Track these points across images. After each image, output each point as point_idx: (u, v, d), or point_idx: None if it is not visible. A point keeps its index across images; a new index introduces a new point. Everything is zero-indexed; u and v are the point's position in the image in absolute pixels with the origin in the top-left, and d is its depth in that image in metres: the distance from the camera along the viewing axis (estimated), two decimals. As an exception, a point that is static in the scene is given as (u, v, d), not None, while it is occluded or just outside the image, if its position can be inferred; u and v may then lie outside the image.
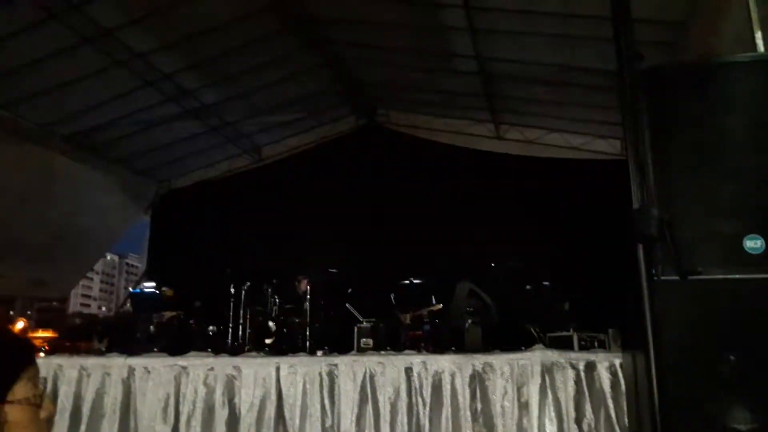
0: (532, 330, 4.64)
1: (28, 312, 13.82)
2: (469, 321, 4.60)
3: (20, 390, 1.63)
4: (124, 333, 10.00)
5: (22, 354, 1.72)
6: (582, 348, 7.91)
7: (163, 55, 10.47)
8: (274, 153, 14.70)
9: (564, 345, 7.79)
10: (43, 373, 4.53)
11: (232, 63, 10.98)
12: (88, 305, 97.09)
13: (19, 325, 12.63)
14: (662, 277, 2.77)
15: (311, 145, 14.38)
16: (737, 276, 2.81)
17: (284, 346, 9.64)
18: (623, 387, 3.82)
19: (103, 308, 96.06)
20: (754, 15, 5.11)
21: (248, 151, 14.64)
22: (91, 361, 4.68)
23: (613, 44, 2.72)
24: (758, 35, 5.20)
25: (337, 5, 10.02)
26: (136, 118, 12.03)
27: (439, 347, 9.12)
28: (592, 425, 3.96)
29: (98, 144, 12.74)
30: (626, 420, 4.13)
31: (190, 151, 14.10)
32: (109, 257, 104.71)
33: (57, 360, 4.82)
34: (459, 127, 13.20)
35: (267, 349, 8.88)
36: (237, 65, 11.09)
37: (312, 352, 8.41)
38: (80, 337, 10.68)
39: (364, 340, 9.97)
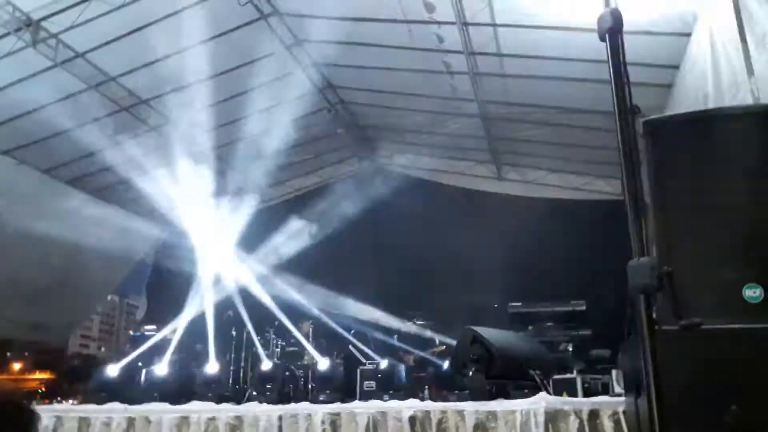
0: (536, 376, 4.63)
1: (26, 353, 13.69)
2: (473, 369, 4.59)
3: None
4: (124, 379, 9.95)
5: (22, 423, 1.69)
6: (586, 391, 7.86)
7: (164, 99, 10.58)
8: (278, 195, 14.76)
9: (568, 387, 7.74)
10: (44, 422, 4.51)
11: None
12: (87, 345, 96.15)
13: (16, 367, 12.54)
14: (663, 327, 2.77)
15: (314, 186, 14.46)
16: (736, 326, 2.81)
17: (286, 390, 9.58)
18: (627, 434, 3.79)
19: (103, 349, 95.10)
20: (747, 62, 5.21)
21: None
22: (91, 412, 4.65)
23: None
24: (752, 81, 5.29)
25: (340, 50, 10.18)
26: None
27: (441, 390, 9.06)
28: (597, 473, 3.92)
29: (101, 187, 12.80)
30: (630, 468, 4.09)
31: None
32: (109, 298, 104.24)
33: (56, 411, 4.78)
34: (461, 168, 13.31)
35: (269, 394, 8.82)
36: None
37: (314, 396, 8.35)
38: (79, 379, 10.58)
39: (367, 383, 9.90)
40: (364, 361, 10.39)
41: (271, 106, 11.22)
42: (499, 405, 3.86)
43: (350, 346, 10.67)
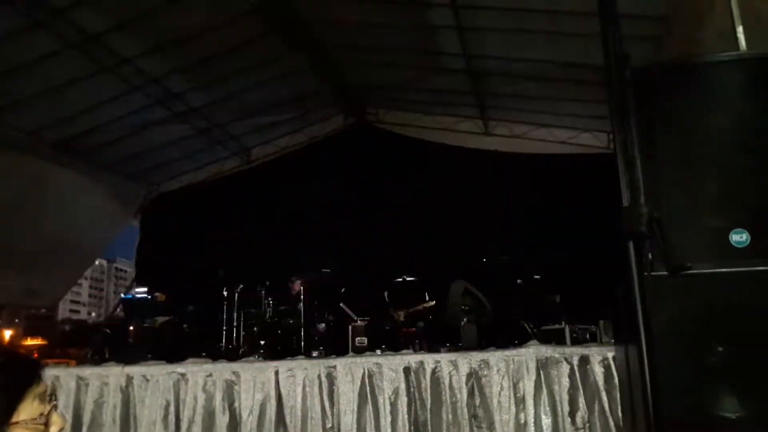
0: (526, 326, 4.71)
1: (16, 320, 13.72)
2: (465, 320, 4.66)
3: (25, 410, 1.59)
4: (116, 340, 9.98)
5: (25, 372, 1.68)
6: (574, 340, 8.00)
7: (149, 59, 10.44)
8: (264, 154, 14.69)
9: (556, 338, 7.87)
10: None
11: (220, 65, 10.98)
12: (78, 311, 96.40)
13: (7, 334, 12.58)
14: (652, 273, 2.83)
15: (301, 145, 14.38)
16: (724, 270, 2.87)
17: (279, 348, 9.67)
18: (616, 380, 3.88)
19: (93, 314, 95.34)
20: (736, 11, 5.19)
21: (237, 152, 14.63)
22: (88, 371, 4.70)
23: (598, 40, 2.75)
24: (740, 30, 5.28)
25: (323, 6, 10.03)
26: (123, 122, 11.97)
27: (433, 344, 9.19)
28: (586, 417, 4.03)
29: (86, 149, 12.66)
30: (620, 412, 4.21)
31: (179, 155, 14.07)
32: (97, 262, 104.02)
33: (54, 371, 4.83)
34: (448, 124, 13.24)
35: (262, 351, 8.91)
36: (224, 67, 11.08)
37: (307, 353, 8.45)
38: (71, 344, 10.63)
39: (359, 339, 10.02)
40: (355, 317, 10.49)
41: (252, 64, 11.12)
42: (491, 354, 3.93)
43: (341, 304, 10.74)
